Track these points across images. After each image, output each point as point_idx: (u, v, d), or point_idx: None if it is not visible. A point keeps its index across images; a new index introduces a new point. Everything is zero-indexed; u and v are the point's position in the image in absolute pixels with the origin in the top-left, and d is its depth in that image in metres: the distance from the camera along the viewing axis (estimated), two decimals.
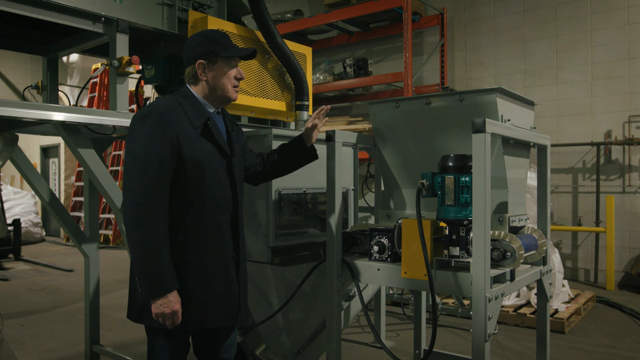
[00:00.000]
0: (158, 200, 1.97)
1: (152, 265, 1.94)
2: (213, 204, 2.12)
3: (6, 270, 7.73)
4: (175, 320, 1.99)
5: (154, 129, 1.99)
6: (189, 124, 2.08)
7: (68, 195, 11.61)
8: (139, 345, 4.13)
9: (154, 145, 1.98)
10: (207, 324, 2.11)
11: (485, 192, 1.98)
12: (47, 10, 2.72)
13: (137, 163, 1.98)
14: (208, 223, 2.11)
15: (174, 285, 1.98)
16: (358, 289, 2.43)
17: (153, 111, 2.03)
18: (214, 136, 2.15)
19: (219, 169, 2.15)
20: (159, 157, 1.98)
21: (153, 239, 1.94)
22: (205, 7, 3.30)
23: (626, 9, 6.51)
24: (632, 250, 6.48)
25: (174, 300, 1.97)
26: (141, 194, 1.95)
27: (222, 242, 2.15)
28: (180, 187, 2.05)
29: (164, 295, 1.95)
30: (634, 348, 4.11)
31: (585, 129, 6.76)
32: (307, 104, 3.35)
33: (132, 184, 1.97)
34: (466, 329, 4.48)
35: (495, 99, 2.26)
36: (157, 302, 1.96)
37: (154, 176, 1.97)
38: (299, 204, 2.96)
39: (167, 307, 1.96)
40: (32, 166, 3.30)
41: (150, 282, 1.95)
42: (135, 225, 1.95)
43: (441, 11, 7.66)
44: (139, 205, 1.95)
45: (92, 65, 10.93)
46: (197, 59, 2.15)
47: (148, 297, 1.97)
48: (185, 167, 2.05)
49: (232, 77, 2.19)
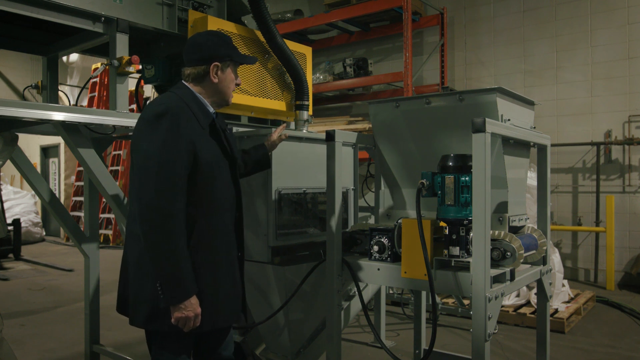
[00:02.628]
0: (177, 203, 1.94)
1: (174, 270, 1.92)
2: (221, 204, 2.13)
3: (6, 270, 7.73)
4: (196, 323, 1.99)
5: (170, 131, 1.96)
6: (198, 124, 2.07)
7: (68, 195, 11.60)
8: (139, 345, 4.13)
9: (172, 147, 1.95)
10: (217, 324, 2.11)
11: (485, 192, 1.98)
12: (47, 10, 2.72)
13: (155, 165, 1.93)
14: (217, 223, 2.12)
15: (194, 289, 1.97)
16: (358, 288, 2.44)
17: (168, 112, 1.98)
18: (221, 137, 2.16)
19: (225, 170, 2.16)
20: (177, 159, 1.95)
21: (173, 244, 1.91)
22: (205, 7, 3.30)
23: (626, 9, 6.51)
24: (632, 250, 6.48)
25: (195, 304, 1.97)
26: (160, 198, 1.91)
27: (229, 242, 2.17)
28: (192, 188, 2.04)
29: (187, 300, 1.94)
30: (634, 348, 4.11)
31: (585, 129, 6.76)
32: (307, 104, 3.35)
33: (150, 187, 1.92)
34: (466, 329, 4.48)
35: (495, 98, 2.26)
36: (179, 306, 1.94)
37: (173, 179, 1.94)
38: (299, 204, 2.96)
39: (191, 310, 1.95)
40: (32, 166, 3.30)
41: (173, 287, 1.92)
42: (155, 229, 1.91)
43: (441, 11, 7.66)
44: (158, 209, 1.91)
45: (92, 65, 10.92)
46: (212, 60, 2.13)
47: (171, 302, 1.94)
48: (199, 169, 2.04)
49: (234, 83, 2.23)
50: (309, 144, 2.99)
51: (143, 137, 2.00)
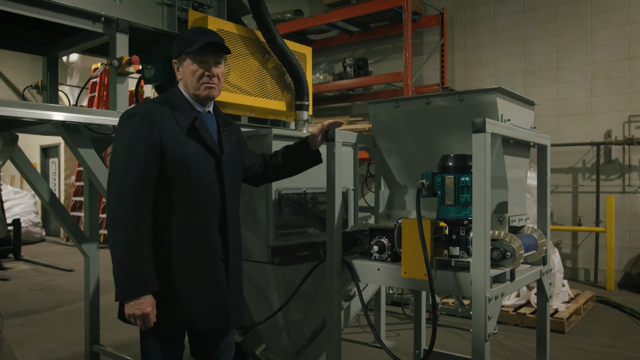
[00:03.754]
0: (140, 200, 1.97)
1: (129, 266, 1.93)
2: (200, 204, 2.10)
3: (6, 270, 7.73)
4: (147, 323, 1.98)
5: (138, 129, 2.01)
6: (174, 123, 2.08)
7: (68, 195, 11.60)
8: (139, 345, 4.12)
9: (137, 145, 1.99)
10: (195, 326, 2.10)
11: (485, 192, 1.98)
12: (47, 10, 2.72)
13: (120, 163, 1.99)
14: (195, 223, 2.09)
15: (149, 287, 1.96)
16: (358, 289, 2.43)
17: (137, 112, 2.05)
18: (201, 135, 2.13)
19: (207, 169, 2.13)
20: (142, 157, 1.99)
21: (133, 240, 1.94)
22: (205, 7, 3.30)
23: (626, 9, 6.51)
24: (632, 250, 6.48)
25: (145, 303, 1.96)
26: (123, 193, 1.96)
27: (209, 243, 2.12)
28: (165, 187, 2.05)
29: (136, 297, 1.94)
30: (634, 348, 4.11)
31: (585, 129, 6.76)
32: (307, 104, 3.35)
33: (115, 184, 1.99)
34: (466, 329, 4.48)
35: (495, 98, 2.26)
36: (130, 303, 1.96)
37: (137, 176, 1.97)
38: (299, 204, 2.96)
39: (138, 308, 1.95)
40: (32, 166, 3.30)
41: (124, 282, 1.94)
42: (116, 225, 1.95)
43: (441, 11, 7.66)
44: (121, 205, 1.95)
45: (92, 65, 10.91)
46: (172, 59, 2.21)
47: (121, 297, 1.96)
48: (170, 167, 2.04)
49: (198, 74, 2.14)
50: None
51: (116, 136, 2.09)
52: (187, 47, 2.13)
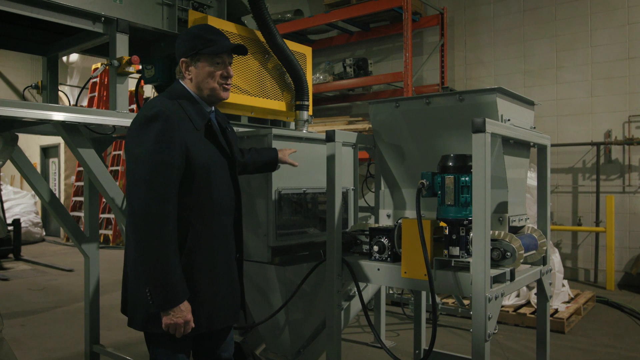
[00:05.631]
0: (167, 208, 1.91)
1: (164, 275, 1.89)
2: (219, 206, 2.11)
3: (6, 270, 7.73)
4: (187, 330, 1.97)
5: (162, 134, 1.93)
6: (192, 126, 2.04)
7: (68, 195, 11.61)
8: (139, 345, 4.13)
9: (163, 152, 1.92)
10: (214, 325, 2.11)
11: (485, 192, 1.98)
12: (47, 10, 2.72)
13: (145, 170, 1.91)
14: (215, 226, 2.10)
15: (185, 295, 1.95)
16: (358, 288, 2.43)
17: (159, 115, 1.95)
18: (217, 138, 2.13)
19: (223, 171, 2.14)
20: (168, 163, 1.92)
21: (164, 250, 1.89)
22: (205, 7, 3.30)
23: (626, 9, 6.51)
24: (632, 250, 6.48)
25: (185, 310, 1.95)
26: (150, 202, 1.89)
27: (227, 244, 2.15)
28: (187, 191, 2.02)
29: (176, 306, 1.92)
30: (634, 348, 4.11)
31: (585, 129, 6.76)
32: (307, 104, 3.35)
33: (140, 192, 1.90)
34: (466, 329, 4.48)
35: (495, 98, 2.26)
36: (169, 313, 1.92)
37: (164, 184, 1.91)
38: (299, 204, 2.96)
39: (180, 317, 1.93)
40: (32, 166, 3.30)
41: (161, 293, 1.90)
42: (145, 235, 1.89)
43: (441, 11, 7.66)
44: (149, 215, 1.89)
45: (92, 65, 10.92)
46: (180, 57, 2.12)
47: (159, 308, 1.92)
48: (194, 172, 2.01)
49: (218, 76, 2.11)
50: (309, 144, 2.99)
51: (134, 140, 1.97)
52: (205, 46, 2.07)
